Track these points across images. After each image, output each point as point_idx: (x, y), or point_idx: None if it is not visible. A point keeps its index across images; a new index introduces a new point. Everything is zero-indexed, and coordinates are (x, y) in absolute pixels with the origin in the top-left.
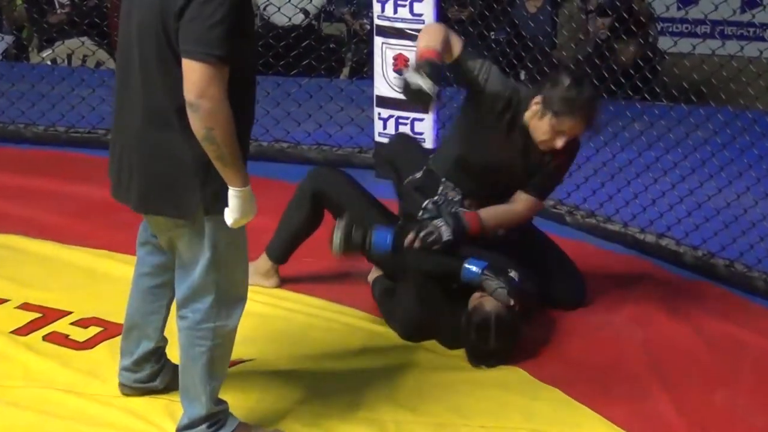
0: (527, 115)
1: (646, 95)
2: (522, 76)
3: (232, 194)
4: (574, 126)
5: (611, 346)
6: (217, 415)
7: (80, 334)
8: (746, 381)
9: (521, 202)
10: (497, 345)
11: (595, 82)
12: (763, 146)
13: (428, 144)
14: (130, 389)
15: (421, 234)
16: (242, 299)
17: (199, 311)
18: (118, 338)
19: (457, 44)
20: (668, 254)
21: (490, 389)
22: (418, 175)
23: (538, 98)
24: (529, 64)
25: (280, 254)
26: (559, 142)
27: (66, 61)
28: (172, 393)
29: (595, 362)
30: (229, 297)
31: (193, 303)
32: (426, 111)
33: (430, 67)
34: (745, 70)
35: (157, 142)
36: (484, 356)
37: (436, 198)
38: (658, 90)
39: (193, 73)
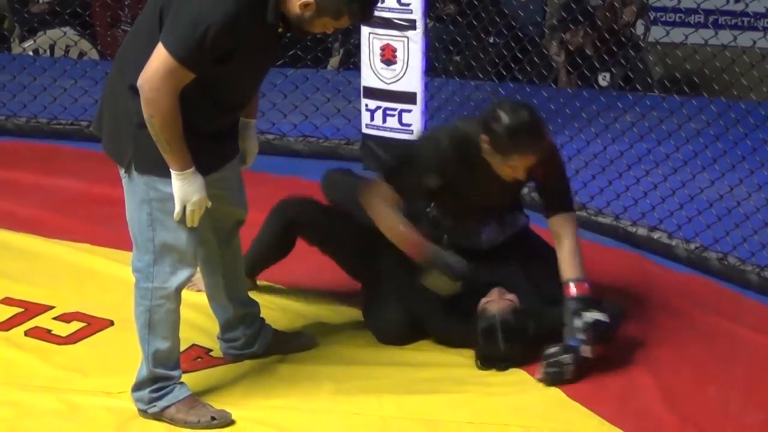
0: (484, 149)
1: (638, 86)
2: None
3: (172, 176)
4: (526, 160)
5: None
6: (162, 380)
7: (63, 329)
8: (739, 377)
9: (564, 226)
10: (506, 350)
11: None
12: (756, 138)
13: (415, 135)
14: (230, 356)
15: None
16: (183, 264)
17: (140, 271)
18: (101, 333)
19: (395, 197)
20: (660, 248)
21: (478, 385)
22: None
23: (485, 137)
24: (518, 54)
25: (250, 270)
26: (520, 174)
27: (48, 52)
28: None
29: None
30: (166, 260)
31: (136, 261)
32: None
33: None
34: (738, 60)
35: (119, 91)
36: (494, 360)
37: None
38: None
39: (156, 60)
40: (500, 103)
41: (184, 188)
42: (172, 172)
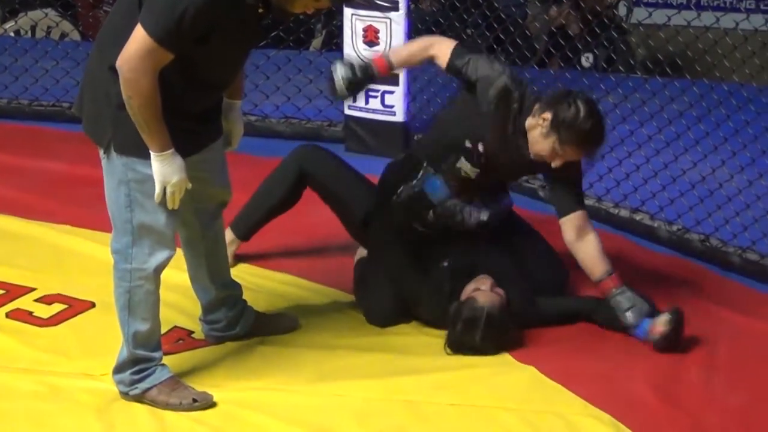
0: (530, 121)
1: (620, 68)
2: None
3: (152, 157)
4: (577, 155)
5: (585, 324)
6: (143, 362)
7: (44, 311)
8: (721, 359)
9: (587, 222)
10: (482, 343)
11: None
12: (738, 119)
13: (398, 117)
14: (212, 338)
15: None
16: (162, 245)
17: (118, 252)
18: (83, 315)
19: (443, 53)
20: (642, 229)
21: (461, 367)
22: (398, 159)
23: (547, 114)
24: (501, 35)
25: (248, 231)
26: (556, 164)
27: (29, 33)
28: None
29: (569, 340)
30: (145, 241)
31: (114, 243)
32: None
33: (361, 72)
34: (720, 41)
35: (99, 72)
36: (464, 348)
37: (413, 183)
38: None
39: (134, 41)
40: (574, 91)
41: (163, 169)
42: (152, 154)
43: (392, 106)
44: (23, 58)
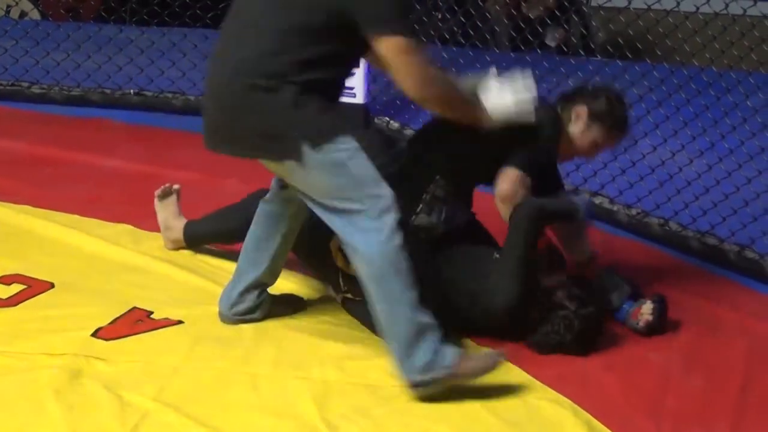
0: (571, 119)
1: (581, 50)
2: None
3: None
4: (616, 141)
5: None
6: (427, 331)
7: (3, 291)
8: (680, 341)
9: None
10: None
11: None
12: (698, 104)
13: (358, 99)
14: (227, 318)
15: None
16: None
17: (367, 231)
18: (42, 296)
19: (515, 176)
20: (602, 213)
21: None
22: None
23: (581, 109)
24: (462, 18)
25: (195, 242)
26: (590, 157)
27: None
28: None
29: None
30: (376, 208)
31: (359, 222)
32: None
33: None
34: (681, 25)
35: (246, 94)
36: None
37: (425, 196)
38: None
39: (403, 63)
40: (586, 85)
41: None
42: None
43: (352, 88)
44: None
